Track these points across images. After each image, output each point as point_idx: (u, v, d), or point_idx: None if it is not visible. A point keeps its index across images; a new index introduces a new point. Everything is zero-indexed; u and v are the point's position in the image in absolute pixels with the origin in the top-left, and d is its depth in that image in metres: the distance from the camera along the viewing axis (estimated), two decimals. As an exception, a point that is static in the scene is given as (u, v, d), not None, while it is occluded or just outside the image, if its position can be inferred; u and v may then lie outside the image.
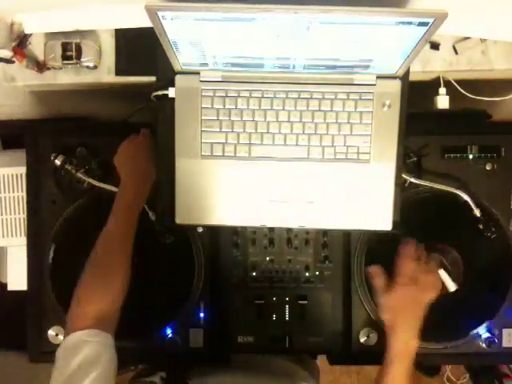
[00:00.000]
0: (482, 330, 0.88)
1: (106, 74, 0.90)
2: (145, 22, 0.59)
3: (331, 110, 0.74)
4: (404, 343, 0.75)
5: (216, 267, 0.91)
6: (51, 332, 0.90)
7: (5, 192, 0.99)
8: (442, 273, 0.81)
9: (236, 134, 0.75)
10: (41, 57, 0.88)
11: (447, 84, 0.91)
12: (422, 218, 0.88)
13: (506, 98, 0.91)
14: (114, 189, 0.86)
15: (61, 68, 0.88)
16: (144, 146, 0.83)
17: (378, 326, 0.88)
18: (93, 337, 0.67)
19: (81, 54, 0.86)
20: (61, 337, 0.90)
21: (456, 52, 0.87)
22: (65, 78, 0.90)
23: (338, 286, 0.91)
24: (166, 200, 0.78)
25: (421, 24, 0.58)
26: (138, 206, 0.80)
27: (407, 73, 0.74)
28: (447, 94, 0.91)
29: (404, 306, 0.76)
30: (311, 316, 0.91)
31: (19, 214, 0.99)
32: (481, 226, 0.85)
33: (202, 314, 0.90)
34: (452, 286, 0.81)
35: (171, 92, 0.75)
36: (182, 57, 0.69)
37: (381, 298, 0.79)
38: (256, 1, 0.56)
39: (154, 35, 0.62)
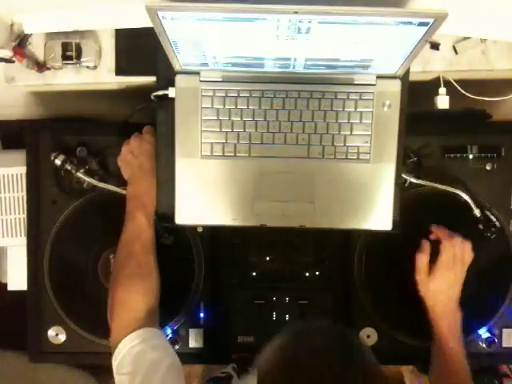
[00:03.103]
0: (482, 330, 0.88)
1: (106, 74, 0.90)
2: (145, 22, 0.59)
3: (331, 110, 0.74)
4: (450, 323, 0.78)
5: (216, 267, 0.91)
6: (51, 332, 0.90)
7: (5, 192, 0.98)
8: None
9: (236, 134, 0.75)
10: (41, 57, 0.88)
11: (447, 84, 0.91)
12: (422, 218, 0.88)
13: (506, 97, 0.91)
14: (114, 189, 0.86)
15: (61, 68, 0.88)
16: (150, 144, 0.82)
17: (377, 326, 0.89)
18: (147, 335, 0.67)
19: (81, 54, 0.86)
20: (61, 336, 0.90)
21: (456, 52, 0.87)
22: (65, 78, 0.90)
23: (338, 286, 0.91)
24: (166, 200, 0.78)
25: (421, 24, 0.58)
26: (152, 202, 0.80)
27: (407, 73, 0.74)
28: (447, 94, 0.91)
29: (445, 291, 0.78)
30: (311, 316, 0.91)
31: (19, 214, 0.98)
32: (481, 226, 0.85)
33: (202, 314, 0.90)
34: None
35: (171, 92, 0.75)
36: (182, 57, 0.69)
37: (421, 277, 0.79)
38: (256, 1, 0.56)
39: (154, 35, 0.62)
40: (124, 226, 0.78)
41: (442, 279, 0.78)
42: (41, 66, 0.88)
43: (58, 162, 0.87)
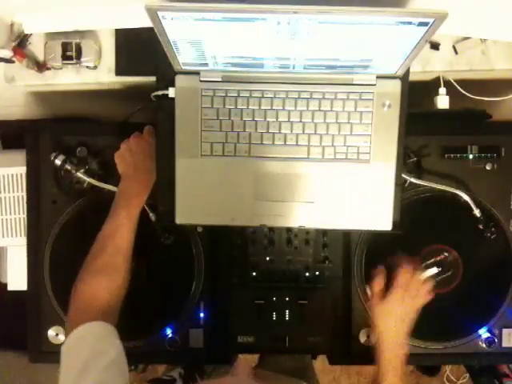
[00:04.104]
0: (482, 330, 0.88)
1: (106, 74, 0.90)
2: (145, 22, 0.59)
3: (331, 110, 0.74)
4: (393, 352, 0.75)
5: (216, 267, 0.91)
6: (51, 332, 0.90)
7: (5, 192, 0.99)
8: (433, 270, 0.81)
9: (236, 134, 0.75)
10: (41, 57, 0.88)
11: (447, 84, 0.91)
12: (422, 218, 0.88)
13: (506, 98, 0.92)
14: (114, 189, 0.85)
15: (61, 68, 0.88)
16: (148, 144, 0.82)
17: (377, 326, 0.89)
18: (99, 328, 0.67)
19: (81, 54, 0.86)
20: (61, 336, 0.90)
21: (456, 52, 0.87)
22: (65, 78, 0.90)
23: (338, 286, 0.91)
24: (166, 200, 0.78)
25: (421, 24, 0.58)
26: (139, 203, 0.80)
27: (407, 73, 0.74)
28: (447, 94, 0.91)
29: (395, 315, 0.76)
30: (311, 316, 0.91)
31: (19, 213, 0.99)
32: (481, 226, 0.85)
33: (202, 314, 0.90)
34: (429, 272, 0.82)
35: (171, 92, 0.75)
36: (182, 57, 0.69)
37: (374, 302, 0.79)
38: (256, 1, 0.56)
39: (154, 35, 0.62)
40: (105, 220, 0.78)
41: (395, 303, 0.76)
42: (41, 66, 0.88)
43: (58, 162, 0.87)
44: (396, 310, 0.76)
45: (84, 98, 1.03)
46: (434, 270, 0.82)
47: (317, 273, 0.92)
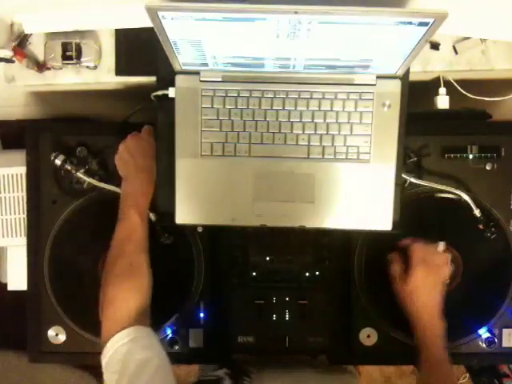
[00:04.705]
0: (482, 330, 0.88)
1: (106, 74, 0.90)
2: (145, 22, 0.59)
3: (331, 110, 0.74)
4: (430, 330, 0.77)
5: (216, 267, 0.91)
6: (51, 332, 0.90)
7: (5, 192, 0.99)
8: (442, 244, 0.82)
9: (236, 134, 0.75)
10: (41, 57, 0.88)
11: (447, 84, 0.91)
12: (422, 218, 0.88)
13: (506, 98, 0.92)
14: (114, 189, 0.86)
15: (61, 68, 0.89)
16: (148, 143, 0.82)
17: (377, 326, 0.88)
18: (136, 333, 0.67)
19: (81, 54, 0.86)
20: (61, 336, 0.90)
21: (456, 52, 0.88)
22: (65, 78, 0.90)
23: (338, 286, 0.91)
24: (166, 200, 0.78)
25: (421, 24, 0.58)
26: (146, 201, 0.80)
27: (407, 73, 0.74)
28: (447, 94, 0.91)
29: (423, 289, 0.78)
30: (311, 316, 0.91)
31: (19, 214, 0.99)
32: (481, 226, 0.85)
33: (202, 314, 0.90)
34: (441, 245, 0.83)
35: (171, 92, 0.75)
36: (182, 57, 0.69)
37: (398, 285, 0.80)
38: (256, 1, 0.56)
39: (154, 35, 0.62)
40: (117, 224, 0.77)
41: (419, 278, 0.78)
42: (41, 66, 0.88)
43: (58, 162, 0.87)
44: (424, 285, 0.78)
45: (84, 97, 1.02)
46: (442, 246, 0.83)
47: (317, 273, 0.92)
